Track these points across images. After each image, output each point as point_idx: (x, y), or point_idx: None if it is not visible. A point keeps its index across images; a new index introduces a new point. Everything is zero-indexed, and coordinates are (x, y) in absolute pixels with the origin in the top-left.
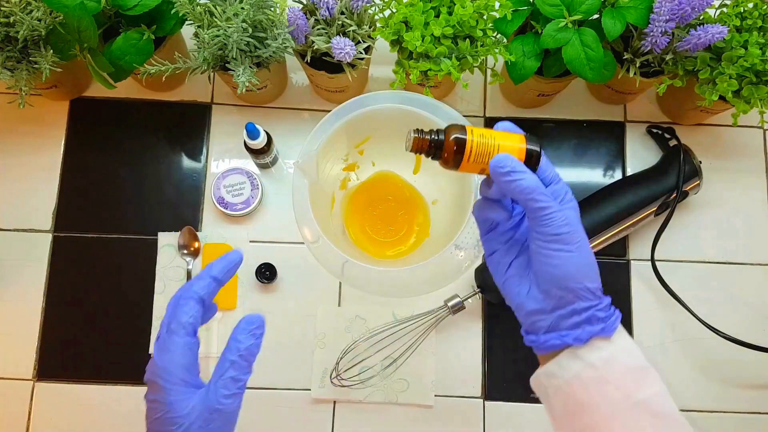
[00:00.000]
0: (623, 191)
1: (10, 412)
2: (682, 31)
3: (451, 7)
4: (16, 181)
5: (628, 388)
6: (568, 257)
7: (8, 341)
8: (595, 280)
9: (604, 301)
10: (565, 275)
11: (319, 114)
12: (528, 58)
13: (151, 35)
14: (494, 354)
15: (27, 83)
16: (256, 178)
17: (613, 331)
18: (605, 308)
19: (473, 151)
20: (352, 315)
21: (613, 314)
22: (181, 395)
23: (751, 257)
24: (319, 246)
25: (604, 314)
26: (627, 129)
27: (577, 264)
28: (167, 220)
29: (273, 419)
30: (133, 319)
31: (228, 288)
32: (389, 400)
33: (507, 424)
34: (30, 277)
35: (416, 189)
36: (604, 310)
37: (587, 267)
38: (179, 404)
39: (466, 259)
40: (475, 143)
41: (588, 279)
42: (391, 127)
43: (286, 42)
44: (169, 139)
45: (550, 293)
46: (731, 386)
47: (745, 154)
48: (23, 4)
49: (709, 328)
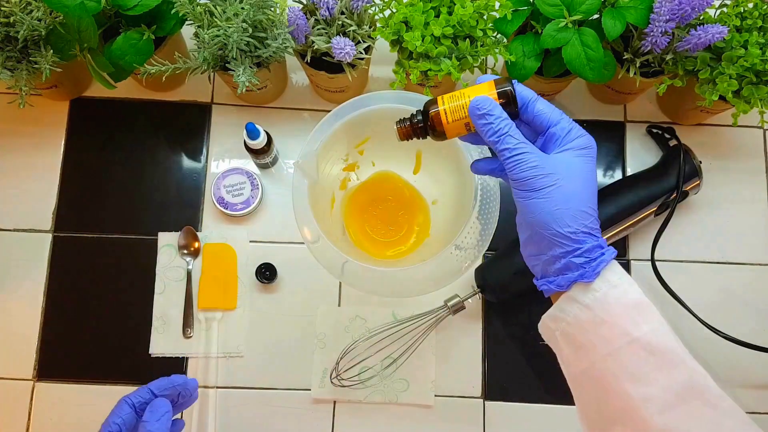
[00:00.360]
0: (623, 191)
1: (10, 412)
2: (682, 31)
3: (451, 7)
4: (16, 181)
5: (623, 327)
6: (536, 204)
7: (8, 341)
8: (569, 224)
9: (584, 245)
10: (538, 222)
11: (319, 114)
12: (528, 58)
13: (151, 35)
14: (494, 354)
15: (27, 83)
16: (256, 178)
17: (594, 276)
18: (585, 252)
19: (449, 115)
20: (352, 315)
21: (595, 258)
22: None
23: (751, 257)
24: (319, 246)
25: (583, 260)
26: (627, 129)
27: (546, 210)
28: (167, 220)
29: (273, 419)
30: (133, 319)
31: (228, 288)
32: (389, 400)
33: (507, 424)
34: (30, 277)
35: (416, 189)
36: (583, 255)
37: (559, 212)
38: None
39: (466, 259)
40: (448, 108)
41: (560, 224)
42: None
43: (286, 42)
44: (169, 139)
45: (533, 239)
46: (731, 386)
47: (745, 154)
48: (23, 4)
49: (709, 328)
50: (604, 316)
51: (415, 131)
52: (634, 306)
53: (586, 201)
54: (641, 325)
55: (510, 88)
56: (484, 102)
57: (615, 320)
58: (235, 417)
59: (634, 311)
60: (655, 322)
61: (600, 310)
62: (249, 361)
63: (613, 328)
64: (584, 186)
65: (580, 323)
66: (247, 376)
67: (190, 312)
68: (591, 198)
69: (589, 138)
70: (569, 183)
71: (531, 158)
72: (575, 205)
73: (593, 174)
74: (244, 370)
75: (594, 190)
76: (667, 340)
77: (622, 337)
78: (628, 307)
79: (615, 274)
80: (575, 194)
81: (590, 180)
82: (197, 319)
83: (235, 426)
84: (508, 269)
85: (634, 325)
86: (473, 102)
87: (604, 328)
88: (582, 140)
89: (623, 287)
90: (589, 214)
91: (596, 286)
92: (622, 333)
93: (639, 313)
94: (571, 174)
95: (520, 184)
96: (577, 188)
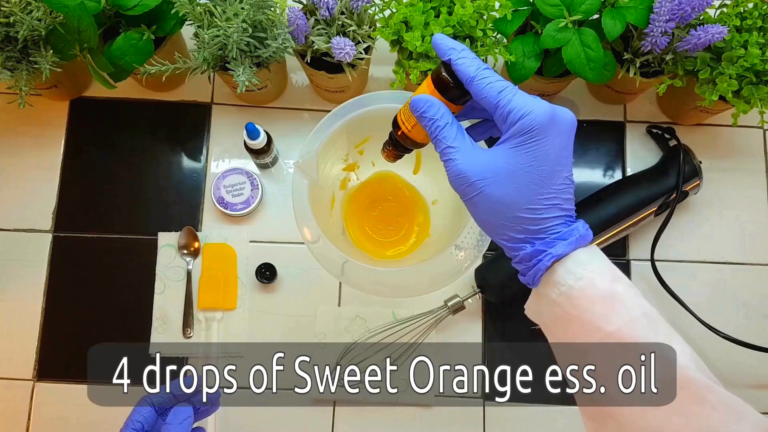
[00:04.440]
0: (623, 191)
1: (10, 412)
2: (682, 31)
3: (451, 7)
4: (16, 181)
5: (593, 322)
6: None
7: (8, 341)
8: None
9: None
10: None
11: (319, 114)
12: (528, 58)
13: (151, 35)
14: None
15: (27, 83)
16: (256, 178)
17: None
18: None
19: (406, 123)
20: (352, 315)
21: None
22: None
23: (751, 257)
24: (319, 246)
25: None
26: (627, 129)
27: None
28: (167, 220)
29: (273, 419)
30: (133, 319)
31: (228, 288)
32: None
33: (507, 424)
34: (30, 277)
35: (416, 189)
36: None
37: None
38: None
39: (466, 259)
40: (404, 116)
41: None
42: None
43: (286, 42)
44: (169, 139)
45: None
46: (731, 386)
47: (745, 154)
48: (23, 4)
49: (709, 328)
50: (572, 311)
51: (397, 148)
52: (603, 298)
53: (521, 204)
54: (612, 319)
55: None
56: (417, 103)
57: (583, 315)
58: (235, 417)
59: (604, 304)
60: (629, 314)
61: (567, 305)
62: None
63: (584, 324)
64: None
65: (554, 319)
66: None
67: (190, 312)
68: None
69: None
70: (496, 188)
71: (457, 165)
72: (504, 212)
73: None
74: (244, 370)
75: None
76: (641, 331)
77: (594, 333)
78: (596, 300)
79: (579, 265)
80: (503, 200)
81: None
82: (197, 319)
83: (235, 426)
84: (508, 269)
85: (604, 319)
86: (410, 105)
87: (574, 324)
88: (522, 123)
89: (589, 278)
90: (524, 217)
91: (561, 280)
92: (593, 329)
93: (609, 306)
94: (498, 176)
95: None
96: (506, 192)
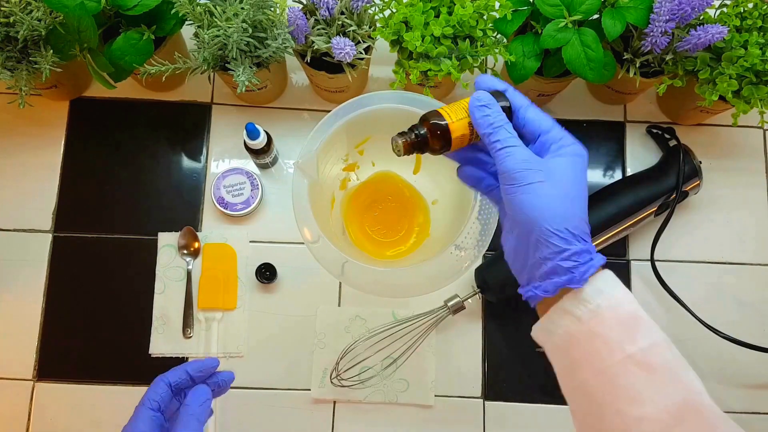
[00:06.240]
0: (623, 191)
1: (10, 412)
2: (682, 31)
3: (451, 7)
4: (16, 181)
5: (617, 341)
6: (524, 199)
7: (8, 341)
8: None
9: (572, 248)
10: (525, 219)
11: (319, 114)
12: (528, 58)
13: (151, 35)
14: (494, 354)
15: (27, 83)
16: (256, 178)
17: (582, 282)
18: (574, 256)
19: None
20: (352, 315)
21: (584, 263)
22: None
23: (751, 257)
24: (319, 246)
25: (571, 263)
26: (627, 129)
27: (533, 206)
28: (167, 220)
29: (273, 419)
30: (133, 319)
31: (228, 288)
32: (389, 400)
33: (507, 424)
34: (30, 277)
35: (416, 189)
36: (571, 259)
37: (547, 210)
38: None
39: (466, 259)
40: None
41: (548, 222)
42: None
43: (286, 42)
44: (169, 139)
45: (519, 239)
46: (731, 386)
47: (745, 154)
48: (23, 4)
49: (709, 328)
50: (598, 329)
51: (416, 144)
52: (629, 319)
53: (576, 204)
54: (637, 340)
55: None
56: (484, 95)
57: (609, 334)
58: (235, 417)
59: (630, 325)
60: (652, 338)
61: (593, 323)
62: (249, 361)
63: (607, 342)
64: (575, 190)
65: (573, 337)
66: (247, 376)
67: (190, 312)
68: (581, 203)
69: (581, 147)
70: (559, 184)
71: (522, 152)
72: (564, 206)
73: (584, 181)
74: (244, 370)
75: (584, 197)
76: (663, 356)
77: (616, 352)
78: (623, 320)
79: (608, 284)
80: (565, 195)
81: (581, 186)
82: (197, 319)
83: (235, 426)
84: (508, 269)
85: (629, 340)
86: (474, 95)
87: (597, 342)
88: (574, 148)
89: (617, 299)
90: (579, 218)
91: (588, 297)
92: (616, 348)
93: (634, 327)
94: (562, 176)
95: (508, 178)
96: (566, 190)
